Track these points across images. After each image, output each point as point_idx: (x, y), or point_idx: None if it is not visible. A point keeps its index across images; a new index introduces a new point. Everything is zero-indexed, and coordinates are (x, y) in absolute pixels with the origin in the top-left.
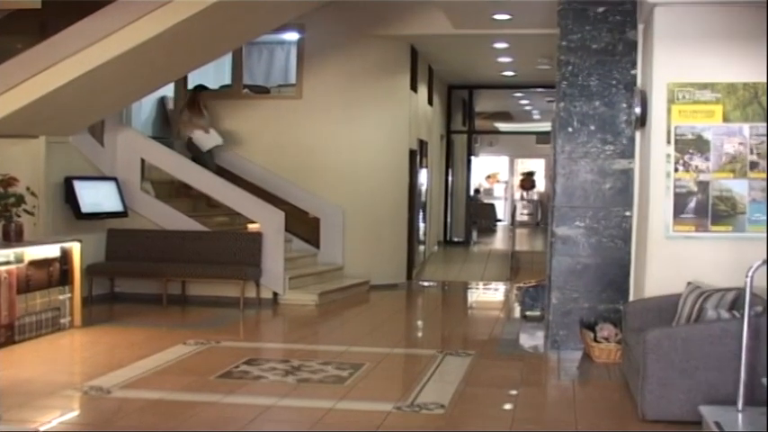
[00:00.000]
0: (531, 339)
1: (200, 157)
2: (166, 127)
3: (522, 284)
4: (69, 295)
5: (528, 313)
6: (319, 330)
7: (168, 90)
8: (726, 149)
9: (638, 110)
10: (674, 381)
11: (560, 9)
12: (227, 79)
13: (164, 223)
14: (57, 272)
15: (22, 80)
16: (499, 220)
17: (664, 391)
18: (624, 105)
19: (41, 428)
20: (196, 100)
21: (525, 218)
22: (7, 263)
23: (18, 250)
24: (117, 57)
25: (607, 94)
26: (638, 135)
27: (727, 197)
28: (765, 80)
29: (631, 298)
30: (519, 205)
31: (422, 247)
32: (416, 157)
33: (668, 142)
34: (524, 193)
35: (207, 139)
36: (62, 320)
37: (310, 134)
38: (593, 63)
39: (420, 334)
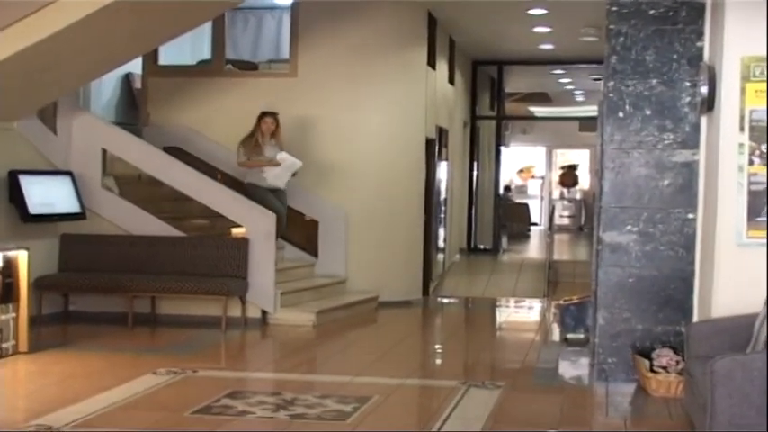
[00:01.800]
0: (574, 368)
1: (265, 198)
2: (132, 110)
3: (561, 301)
4: (13, 314)
5: (569, 336)
6: (317, 356)
7: (134, 66)
8: None
9: (704, 90)
10: (749, 419)
11: None
12: (206, 53)
13: (130, 227)
14: None
15: None
16: (534, 224)
17: None
18: (687, 84)
19: None
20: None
21: (566, 221)
22: None
23: None
24: (70, 25)
25: (666, 71)
26: (703, 121)
27: None
28: None
29: (695, 318)
30: (558, 206)
31: (441, 257)
32: (434, 147)
33: (741, 129)
34: (565, 191)
35: (278, 173)
36: (4, 345)
37: (306, 120)
38: (649, 33)
39: (438, 361)
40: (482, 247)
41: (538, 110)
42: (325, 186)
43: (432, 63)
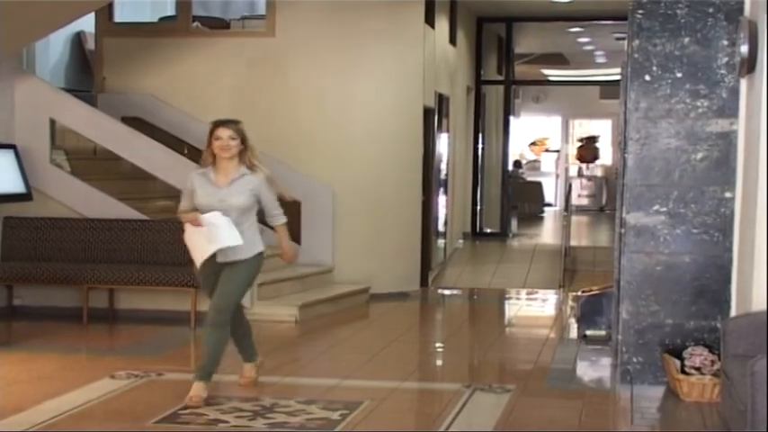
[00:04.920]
0: (594, 369)
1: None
2: (85, 75)
3: (579, 293)
4: None
5: (588, 333)
6: (301, 356)
7: (87, 23)
8: None
9: (744, 49)
10: None
11: None
12: (169, 9)
13: (84, 209)
14: None
15: None
16: (548, 205)
17: None
18: (725, 43)
19: None
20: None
21: (584, 201)
22: None
23: None
24: None
25: (701, 28)
26: (743, 85)
27: None
28: None
29: (733, 312)
30: (576, 184)
31: (441, 242)
32: (433, 117)
33: None
34: (583, 167)
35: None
36: None
37: (287, 86)
38: None
39: (439, 362)
40: (489, 231)
41: (552, 74)
42: (308, 162)
43: (430, 21)
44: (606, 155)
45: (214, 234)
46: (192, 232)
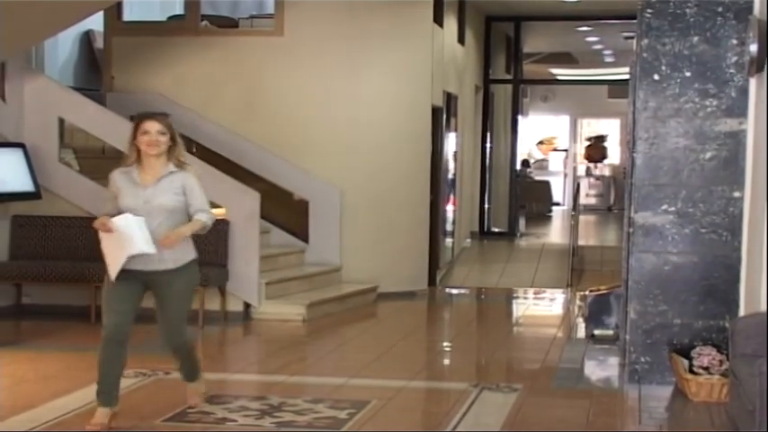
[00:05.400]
0: (601, 369)
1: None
2: (94, 74)
3: (587, 293)
4: None
5: (596, 333)
6: (308, 355)
7: (95, 22)
8: None
9: (753, 48)
10: None
11: None
12: (177, 8)
13: (92, 208)
14: None
15: None
16: (556, 204)
17: None
18: (734, 42)
19: None
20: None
21: (592, 200)
22: None
23: None
24: None
25: (710, 27)
26: (752, 84)
27: None
28: None
29: (742, 312)
30: (584, 183)
31: (449, 241)
32: (441, 116)
33: None
34: (591, 167)
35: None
36: None
37: (295, 85)
38: None
39: (447, 361)
40: (496, 230)
41: (561, 73)
42: (316, 161)
43: (439, 20)
44: (614, 154)
45: (127, 239)
46: (105, 239)
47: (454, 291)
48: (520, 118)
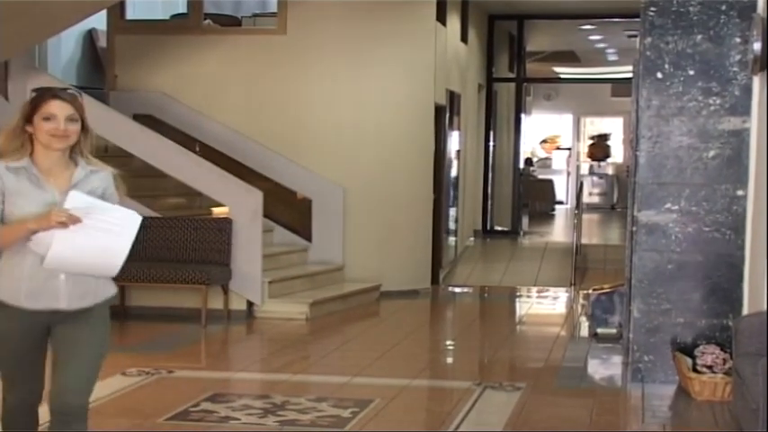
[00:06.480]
0: (604, 368)
1: None
2: (97, 72)
3: (590, 291)
4: None
5: (600, 331)
6: (311, 354)
7: (98, 21)
8: None
9: (757, 46)
10: None
11: None
12: (180, 6)
13: None
14: None
15: None
16: (559, 202)
17: None
18: (737, 40)
19: None
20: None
21: (596, 199)
22: None
23: None
24: None
25: (713, 25)
26: (756, 82)
27: None
28: None
29: (745, 311)
30: (587, 181)
31: (452, 240)
32: (445, 115)
33: None
34: (594, 165)
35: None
36: None
37: (298, 84)
38: None
39: (450, 359)
40: (499, 228)
41: (564, 71)
42: (319, 160)
43: (442, 18)
44: (617, 153)
45: (109, 224)
46: (66, 240)
47: (457, 289)
48: (523, 116)
